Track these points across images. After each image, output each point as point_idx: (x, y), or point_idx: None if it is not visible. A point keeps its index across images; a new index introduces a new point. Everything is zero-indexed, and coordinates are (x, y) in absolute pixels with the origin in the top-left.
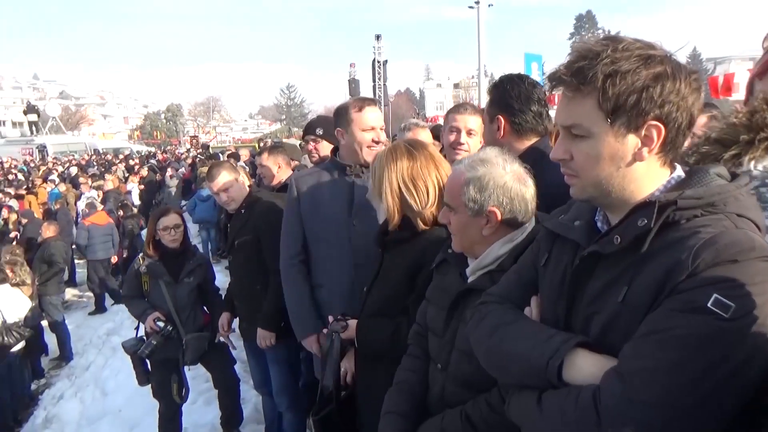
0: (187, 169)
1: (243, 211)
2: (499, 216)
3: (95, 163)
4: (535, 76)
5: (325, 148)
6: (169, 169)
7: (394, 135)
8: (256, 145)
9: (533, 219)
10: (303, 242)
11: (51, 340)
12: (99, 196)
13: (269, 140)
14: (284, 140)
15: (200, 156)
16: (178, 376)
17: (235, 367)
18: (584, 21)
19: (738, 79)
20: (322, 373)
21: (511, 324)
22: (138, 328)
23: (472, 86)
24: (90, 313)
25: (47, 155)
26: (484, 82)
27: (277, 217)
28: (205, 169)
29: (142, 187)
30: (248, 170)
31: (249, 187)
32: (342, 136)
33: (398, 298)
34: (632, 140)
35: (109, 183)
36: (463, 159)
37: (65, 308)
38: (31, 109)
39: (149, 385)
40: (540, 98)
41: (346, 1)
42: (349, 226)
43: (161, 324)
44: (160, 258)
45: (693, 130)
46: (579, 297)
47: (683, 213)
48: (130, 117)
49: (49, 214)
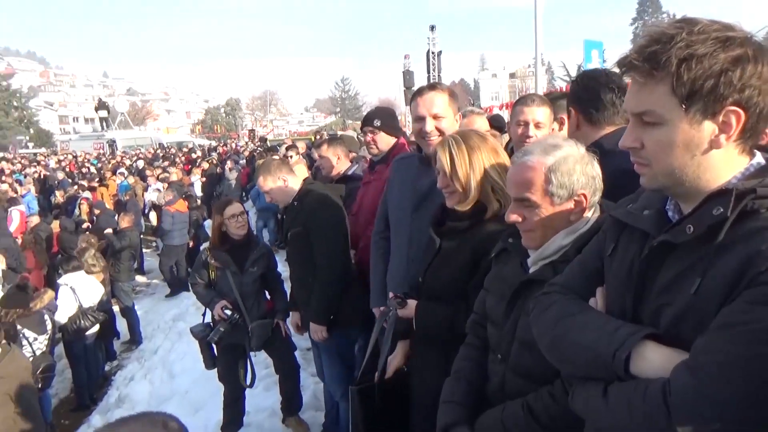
0: (244, 164)
1: (295, 203)
2: (588, 199)
3: (160, 157)
4: (596, 64)
5: (383, 140)
6: (228, 162)
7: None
8: (312, 138)
9: (598, 208)
10: (387, 221)
11: (122, 324)
12: (164, 188)
13: (325, 133)
14: (340, 132)
15: (258, 149)
16: (245, 361)
17: (295, 354)
18: (647, 5)
19: None
20: (371, 346)
21: (575, 315)
22: (204, 314)
23: (529, 75)
24: (166, 296)
25: (117, 149)
26: (541, 71)
27: (326, 210)
28: (262, 161)
29: (203, 179)
30: (306, 162)
31: (304, 179)
32: None
33: (458, 283)
34: (708, 127)
35: (173, 175)
36: (526, 150)
37: (134, 295)
38: (102, 105)
39: (214, 369)
40: (621, 86)
41: None
42: (411, 216)
43: (228, 312)
44: (226, 249)
45: None
46: (648, 288)
47: (763, 202)
48: (192, 112)
49: (119, 205)
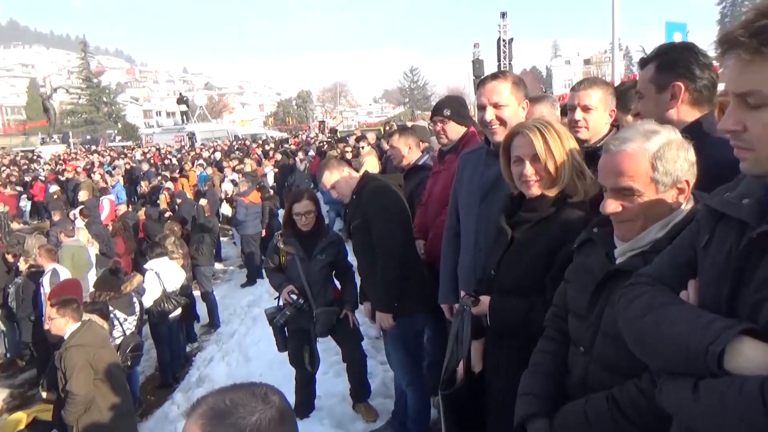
0: (314, 156)
1: (355, 196)
2: (689, 186)
3: (236, 149)
4: None
5: (453, 129)
6: (299, 153)
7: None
8: (381, 129)
9: (692, 198)
10: (458, 216)
11: (201, 308)
12: (239, 179)
13: (394, 123)
14: (410, 123)
15: (327, 140)
16: (310, 346)
17: (363, 343)
18: None
19: None
20: (450, 348)
21: (665, 306)
22: (278, 298)
23: (605, 61)
24: (242, 285)
25: (196, 141)
26: (618, 56)
27: (383, 200)
28: (334, 152)
29: (276, 170)
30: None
31: (363, 173)
32: None
33: (534, 276)
34: None
35: (248, 166)
36: (622, 138)
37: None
38: (182, 100)
39: (287, 354)
40: (710, 65)
41: None
42: (478, 207)
43: (294, 297)
44: (295, 235)
45: None
46: (745, 281)
47: None
48: (265, 104)
49: (198, 195)
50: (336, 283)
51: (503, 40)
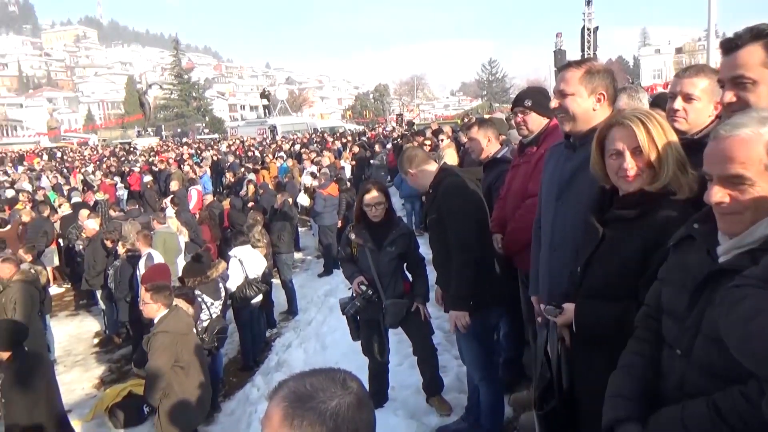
0: (390, 148)
1: (431, 190)
2: None
3: (315, 141)
4: None
5: (534, 120)
6: (376, 146)
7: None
8: (459, 121)
9: None
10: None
11: (279, 295)
12: (317, 171)
13: (472, 116)
14: (486, 116)
15: (404, 133)
16: (380, 337)
17: (436, 337)
18: None
19: None
20: (538, 364)
21: None
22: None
23: (699, 50)
24: (319, 275)
25: (277, 134)
26: (714, 43)
27: (458, 195)
28: (410, 146)
29: (353, 163)
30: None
31: (440, 166)
32: None
33: (625, 279)
34: None
35: (326, 159)
36: (733, 123)
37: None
38: (264, 94)
39: (360, 344)
40: None
41: None
42: (555, 203)
43: (364, 287)
44: (366, 227)
45: None
46: None
47: None
48: (343, 98)
49: (279, 186)
50: (407, 275)
51: (588, 29)
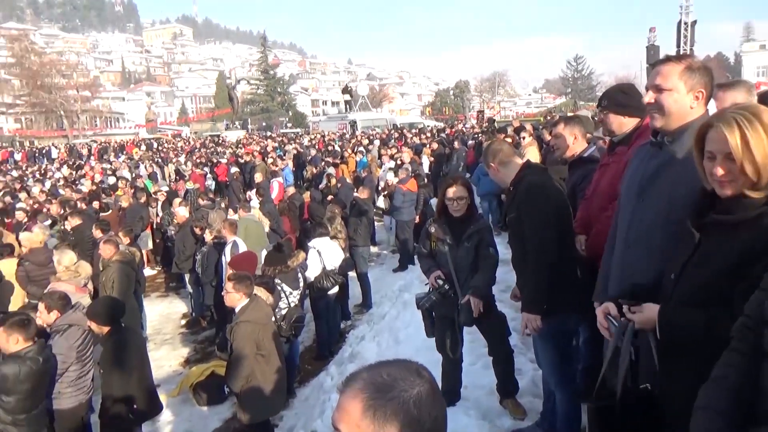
0: (472, 144)
1: (512, 188)
2: None
3: (393, 137)
4: None
5: (613, 121)
6: (455, 143)
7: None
8: (541, 119)
9: None
10: None
11: (354, 288)
12: (396, 167)
13: (555, 114)
14: (569, 113)
15: (484, 130)
16: (453, 334)
17: (512, 339)
18: None
19: None
20: (608, 357)
21: None
22: (428, 283)
23: None
24: (394, 270)
25: (357, 129)
26: None
27: (539, 196)
28: (495, 140)
29: (432, 159)
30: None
31: (523, 164)
32: None
33: (719, 286)
34: None
35: (405, 155)
36: None
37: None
38: (347, 90)
39: (435, 341)
40: None
41: None
42: (635, 200)
43: (440, 282)
44: (446, 222)
45: None
46: None
47: None
48: (423, 94)
49: (357, 180)
50: None
51: (684, 23)
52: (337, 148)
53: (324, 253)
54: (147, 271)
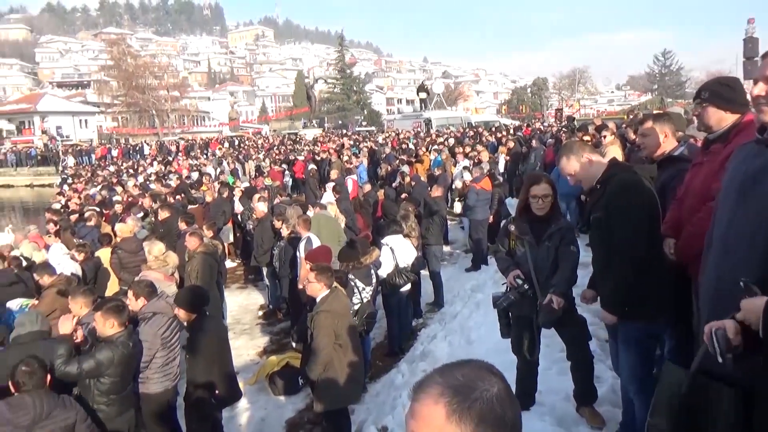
0: (551, 143)
1: (599, 186)
2: None
3: (468, 135)
4: None
5: (712, 115)
6: (533, 142)
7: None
8: (624, 117)
9: None
10: None
11: (427, 286)
12: (471, 165)
13: (639, 112)
14: (655, 111)
15: (564, 128)
16: (531, 335)
17: (591, 344)
18: None
19: None
20: (702, 349)
21: None
22: (506, 283)
23: None
24: (466, 270)
25: (432, 128)
26: None
27: (629, 195)
28: (573, 139)
29: (508, 158)
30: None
31: (610, 161)
32: None
33: None
34: None
35: (481, 154)
36: None
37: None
38: (422, 88)
39: (509, 343)
40: None
41: None
42: (735, 199)
43: (519, 281)
44: (528, 221)
45: None
46: None
47: None
48: (499, 92)
49: (431, 179)
50: None
51: None
52: (411, 146)
53: (397, 251)
54: (228, 263)
